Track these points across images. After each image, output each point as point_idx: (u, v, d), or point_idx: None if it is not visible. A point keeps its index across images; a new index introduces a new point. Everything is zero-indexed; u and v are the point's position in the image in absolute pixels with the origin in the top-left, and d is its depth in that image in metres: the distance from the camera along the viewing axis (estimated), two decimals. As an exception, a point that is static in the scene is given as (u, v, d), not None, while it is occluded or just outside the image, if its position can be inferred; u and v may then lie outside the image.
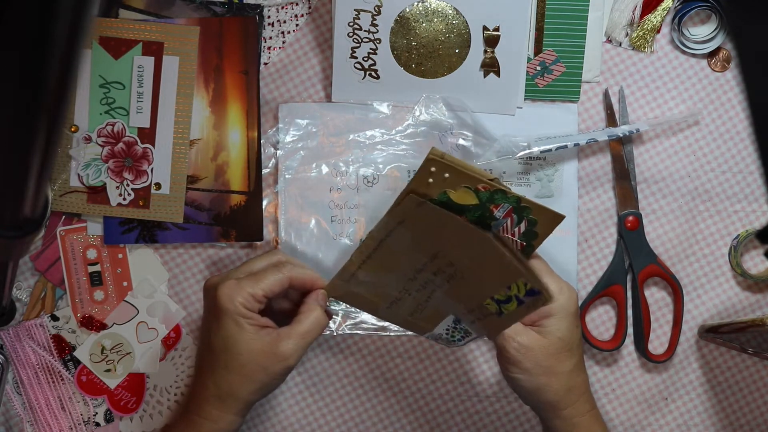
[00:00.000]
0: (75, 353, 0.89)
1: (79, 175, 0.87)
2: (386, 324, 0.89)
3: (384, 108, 0.88)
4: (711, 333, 0.89)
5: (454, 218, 0.70)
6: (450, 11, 0.86)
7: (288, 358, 0.76)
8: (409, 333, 0.89)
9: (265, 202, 0.88)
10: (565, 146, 0.86)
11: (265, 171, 0.88)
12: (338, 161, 0.89)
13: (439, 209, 0.69)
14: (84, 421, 0.89)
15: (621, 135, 0.87)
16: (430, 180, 0.69)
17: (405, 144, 0.88)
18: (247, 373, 0.76)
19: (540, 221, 0.73)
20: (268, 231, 0.88)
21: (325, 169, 0.89)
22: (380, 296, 0.78)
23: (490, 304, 0.73)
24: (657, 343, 0.90)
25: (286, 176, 0.88)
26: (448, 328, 0.80)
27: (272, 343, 0.76)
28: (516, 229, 0.73)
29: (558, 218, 0.72)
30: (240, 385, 0.76)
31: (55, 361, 0.89)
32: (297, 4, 0.88)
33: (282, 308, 0.80)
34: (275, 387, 0.79)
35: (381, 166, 0.89)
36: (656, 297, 0.90)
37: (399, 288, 0.76)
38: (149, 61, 0.86)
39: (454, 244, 0.71)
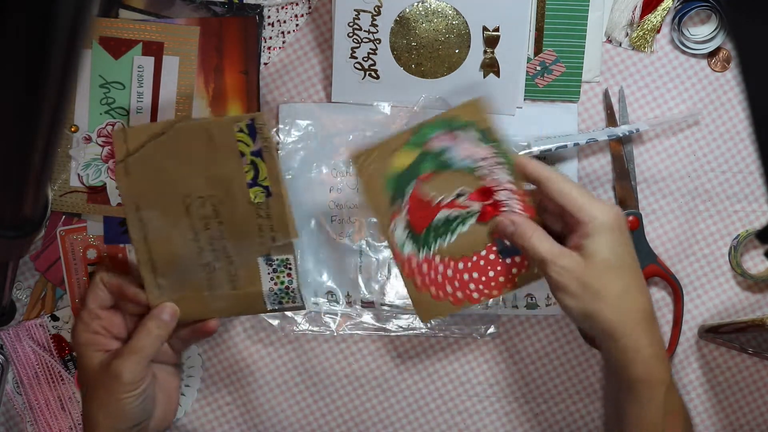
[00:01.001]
0: (75, 353, 0.89)
1: (79, 175, 0.87)
2: (386, 324, 0.89)
3: (384, 108, 0.88)
4: (711, 333, 0.89)
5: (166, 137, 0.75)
6: (450, 11, 0.86)
7: (119, 375, 0.74)
8: (410, 333, 0.89)
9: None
10: (565, 146, 0.86)
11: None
12: (338, 162, 0.89)
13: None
14: (84, 421, 0.89)
15: (621, 135, 0.87)
16: (371, 171, 0.73)
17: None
18: (95, 398, 0.76)
19: (470, 119, 0.75)
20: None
21: (325, 169, 0.89)
22: (195, 286, 0.78)
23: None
24: (657, 343, 0.91)
25: (287, 176, 0.88)
26: (272, 275, 0.78)
27: (106, 362, 0.76)
28: (485, 150, 0.75)
29: (475, 103, 0.74)
30: (95, 415, 0.76)
31: (55, 361, 0.89)
32: (297, 4, 0.88)
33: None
34: (133, 414, 0.76)
35: (381, 166, 0.89)
36: (656, 297, 0.90)
37: (199, 264, 0.77)
38: (149, 61, 0.86)
39: (190, 174, 0.75)
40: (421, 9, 0.86)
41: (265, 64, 0.88)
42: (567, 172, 0.89)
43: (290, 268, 0.78)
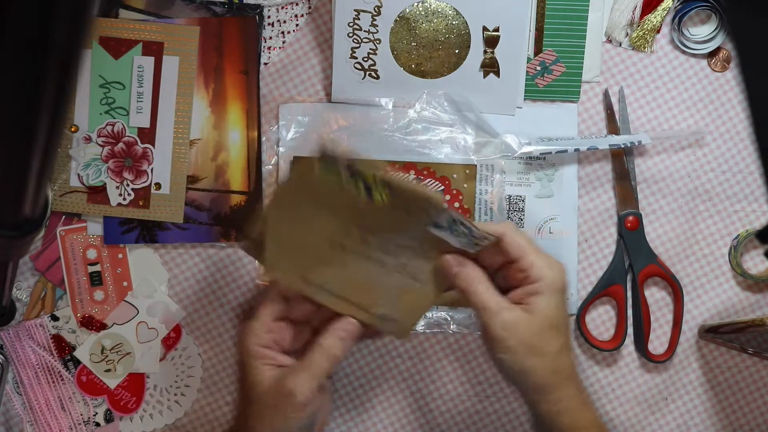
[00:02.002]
0: (75, 353, 0.89)
1: (79, 175, 0.87)
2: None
3: (386, 104, 0.88)
4: (711, 333, 0.89)
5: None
6: (450, 11, 0.86)
7: (295, 394, 0.71)
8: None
9: (266, 201, 0.88)
10: (565, 151, 0.86)
11: (267, 168, 0.88)
12: (338, 161, 0.89)
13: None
14: (84, 421, 0.89)
15: (622, 146, 0.87)
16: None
17: (406, 140, 0.88)
18: (263, 416, 0.72)
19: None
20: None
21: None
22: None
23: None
24: (657, 343, 0.90)
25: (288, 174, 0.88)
26: (452, 234, 0.73)
27: (279, 379, 0.72)
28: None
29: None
30: (258, 427, 0.73)
31: (55, 361, 0.89)
32: (297, 4, 0.88)
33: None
34: (306, 428, 0.74)
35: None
36: (656, 297, 0.90)
37: (387, 273, 0.75)
38: (149, 61, 0.86)
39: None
40: (421, 9, 0.86)
41: (265, 64, 0.88)
42: (567, 172, 0.89)
43: (458, 222, 0.72)
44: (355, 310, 0.75)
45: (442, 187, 0.87)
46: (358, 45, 0.87)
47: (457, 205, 0.88)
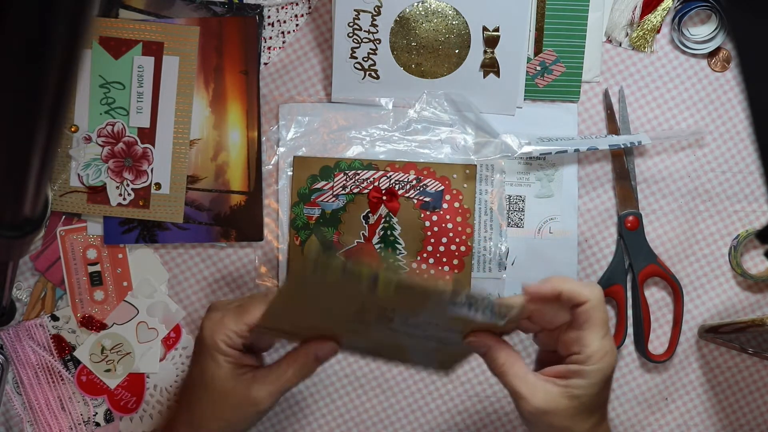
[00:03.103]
0: (75, 353, 0.89)
1: (79, 175, 0.87)
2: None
3: (387, 104, 0.88)
4: (711, 333, 0.89)
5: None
6: (450, 12, 0.86)
7: (259, 403, 0.73)
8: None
9: (266, 201, 0.88)
10: (565, 151, 0.86)
11: (267, 168, 0.88)
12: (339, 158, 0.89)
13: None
14: (84, 421, 0.89)
15: (622, 146, 0.87)
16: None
17: (406, 140, 0.88)
18: (218, 410, 0.73)
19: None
20: (267, 231, 0.88)
21: (325, 169, 0.89)
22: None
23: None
24: (657, 343, 0.90)
25: (288, 173, 0.88)
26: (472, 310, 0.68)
27: (246, 384, 0.73)
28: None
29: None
30: (210, 420, 0.74)
31: (55, 361, 0.89)
32: (297, 4, 0.88)
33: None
34: (245, 429, 0.75)
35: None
36: (656, 297, 0.90)
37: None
38: (149, 61, 0.86)
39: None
40: (421, 9, 0.86)
41: (265, 64, 0.88)
42: (567, 172, 0.89)
43: (476, 299, 0.68)
44: (393, 364, 0.77)
45: (442, 188, 0.87)
46: (358, 45, 0.87)
47: (457, 205, 0.88)
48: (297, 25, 0.88)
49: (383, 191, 0.87)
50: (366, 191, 0.87)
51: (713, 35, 0.88)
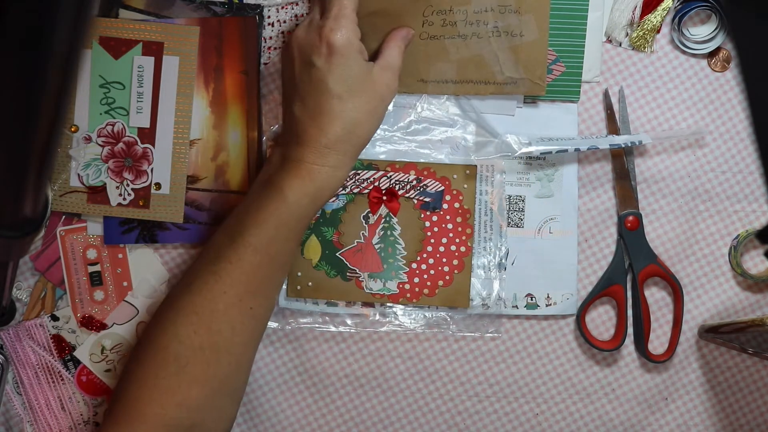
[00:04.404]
0: (75, 353, 0.89)
1: (79, 175, 0.87)
2: (387, 322, 0.89)
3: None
4: (711, 333, 0.89)
5: None
6: (450, 11, 0.86)
7: (393, 86, 0.79)
8: (409, 334, 0.89)
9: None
10: (566, 150, 0.86)
11: (265, 171, 0.88)
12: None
13: None
14: (84, 421, 0.89)
15: (623, 145, 0.87)
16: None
17: (406, 140, 0.88)
18: (368, 107, 0.78)
19: None
20: (268, 231, 0.88)
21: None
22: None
23: None
24: (657, 343, 0.91)
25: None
26: None
27: (379, 74, 0.79)
28: None
29: None
30: (363, 122, 0.78)
31: (55, 361, 0.89)
32: (297, 4, 0.88)
33: None
34: (378, 127, 0.80)
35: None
36: (656, 297, 0.90)
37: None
38: (149, 61, 0.86)
39: None
40: (421, 9, 0.86)
41: (265, 64, 0.88)
42: (567, 172, 0.89)
43: None
44: (483, 87, 0.85)
45: (443, 188, 0.87)
46: (358, 45, 0.87)
47: (457, 205, 0.88)
48: (297, 25, 0.88)
49: (383, 191, 0.87)
50: (366, 191, 0.87)
51: (713, 35, 0.88)
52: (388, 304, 0.88)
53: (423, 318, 0.89)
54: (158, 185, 0.87)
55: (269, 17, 0.88)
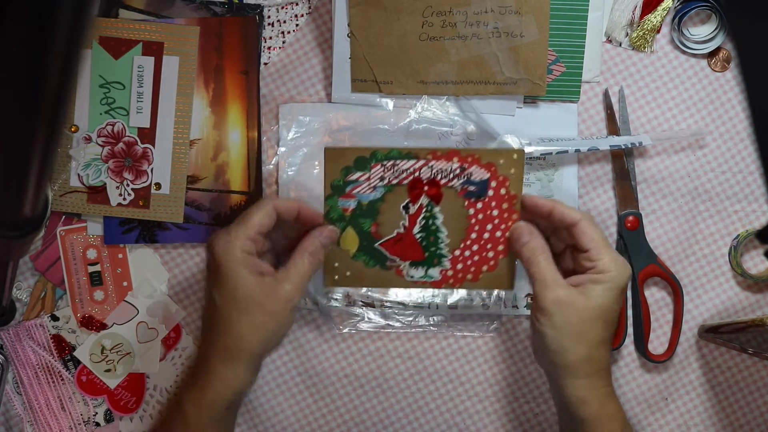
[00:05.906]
0: (75, 353, 0.89)
1: (79, 175, 0.87)
2: (387, 321, 0.89)
3: (387, 105, 0.88)
4: (711, 333, 0.89)
5: None
6: (450, 11, 0.86)
7: (292, 299, 0.75)
8: (410, 333, 0.89)
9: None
10: (566, 151, 0.86)
11: (267, 168, 0.88)
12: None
13: None
14: (84, 421, 0.89)
15: (623, 146, 0.86)
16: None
17: (407, 141, 0.88)
18: (252, 321, 0.75)
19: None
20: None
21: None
22: None
23: None
24: (657, 343, 0.91)
25: (289, 173, 0.88)
26: None
27: (272, 287, 0.75)
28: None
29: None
30: (246, 335, 0.75)
31: (55, 361, 0.89)
32: (297, 4, 0.88)
33: (285, 249, 0.81)
34: (282, 335, 0.78)
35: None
36: (656, 297, 0.90)
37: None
38: (149, 61, 0.86)
39: None
40: (421, 9, 0.86)
41: (265, 64, 0.88)
42: (567, 172, 0.89)
43: None
44: (483, 87, 0.83)
45: (488, 175, 0.84)
46: (358, 45, 0.87)
47: (503, 191, 0.84)
48: (297, 25, 0.88)
49: (425, 182, 0.83)
50: (406, 182, 0.84)
51: (713, 35, 0.88)
52: (390, 302, 0.88)
53: (425, 318, 0.89)
54: (158, 185, 0.87)
55: (269, 17, 0.88)
